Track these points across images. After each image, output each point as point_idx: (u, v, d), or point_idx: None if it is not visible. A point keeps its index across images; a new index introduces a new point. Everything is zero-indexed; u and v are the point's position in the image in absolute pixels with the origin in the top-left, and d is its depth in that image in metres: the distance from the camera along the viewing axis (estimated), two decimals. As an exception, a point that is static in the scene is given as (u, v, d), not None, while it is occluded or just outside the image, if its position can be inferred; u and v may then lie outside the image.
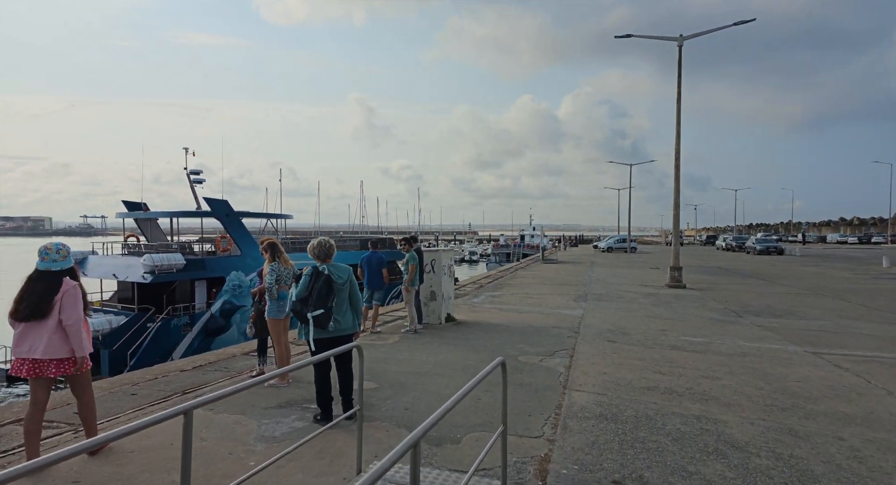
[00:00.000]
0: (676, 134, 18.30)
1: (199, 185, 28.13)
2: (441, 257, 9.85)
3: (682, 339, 8.98)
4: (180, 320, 20.92)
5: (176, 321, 20.65)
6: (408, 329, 8.77)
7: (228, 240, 24.21)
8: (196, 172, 28.10)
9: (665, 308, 12.89)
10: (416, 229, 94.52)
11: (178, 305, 21.23)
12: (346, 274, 4.27)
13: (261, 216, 30.40)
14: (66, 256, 3.96)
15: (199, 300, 21.97)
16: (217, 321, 21.60)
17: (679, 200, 18.44)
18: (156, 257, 20.23)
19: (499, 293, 15.54)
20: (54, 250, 3.91)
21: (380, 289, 8.79)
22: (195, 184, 27.92)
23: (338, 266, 4.26)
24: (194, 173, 28.01)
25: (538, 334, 8.95)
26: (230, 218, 24.13)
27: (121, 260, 22.29)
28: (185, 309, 21.29)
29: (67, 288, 3.83)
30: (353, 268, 8.35)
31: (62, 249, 3.95)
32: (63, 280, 3.85)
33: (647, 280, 20.39)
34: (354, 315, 4.37)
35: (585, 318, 11.12)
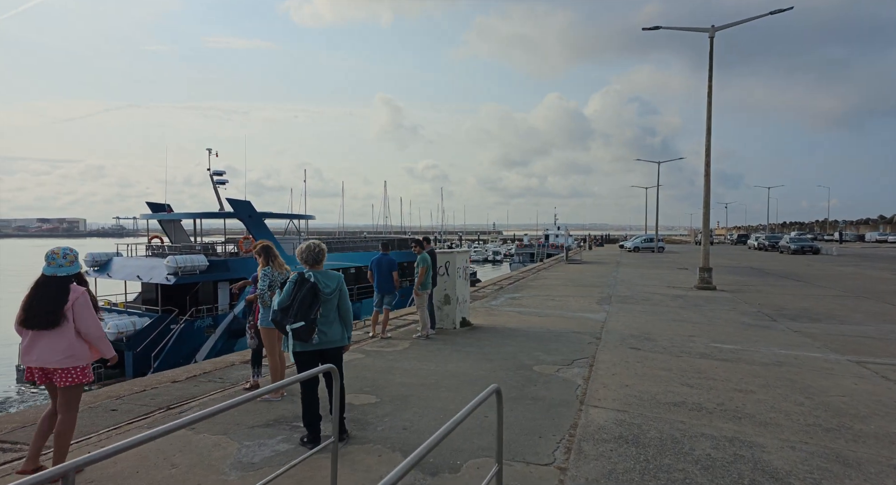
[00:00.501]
0: (707, 128, 17.53)
1: (222, 186, 28.30)
2: (455, 259, 9.46)
3: (712, 346, 8.39)
4: (203, 322, 20.97)
5: (199, 323, 20.73)
6: (419, 335, 8.40)
7: (251, 241, 24.28)
8: (219, 173, 28.25)
9: (693, 311, 12.24)
10: (439, 229, 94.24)
11: (202, 307, 21.30)
12: (335, 282, 3.90)
13: (283, 217, 30.44)
14: (73, 262, 3.83)
15: (221, 302, 22.02)
16: (240, 323, 21.60)
17: (709, 197, 17.66)
18: (179, 259, 20.32)
19: (519, 295, 15.06)
20: (61, 255, 3.77)
21: (390, 293, 8.45)
22: (218, 185, 28.09)
23: (327, 273, 3.90)
24: (217, 174, 28.16)
25: (557, 340, 8.48)
26: (253, 219, 24.15)
27: (145, 262, 22.49)
28: (208, 310, 21.36)
29: (77, 295, 3.71)
30: (396, 265, 8.11)
31: (69, 253, 3.82)
32: (71, 287, 3.73)
33: (675, 281, 19.62)
34: (344, 327, 4.00)
35: (608, 322, 10.58)
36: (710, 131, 17.49)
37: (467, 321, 9.91)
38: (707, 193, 17.62)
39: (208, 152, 28.62)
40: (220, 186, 28.23)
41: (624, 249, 50.63)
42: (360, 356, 6.91)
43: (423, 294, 8.43)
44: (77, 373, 3.71)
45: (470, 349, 7.60)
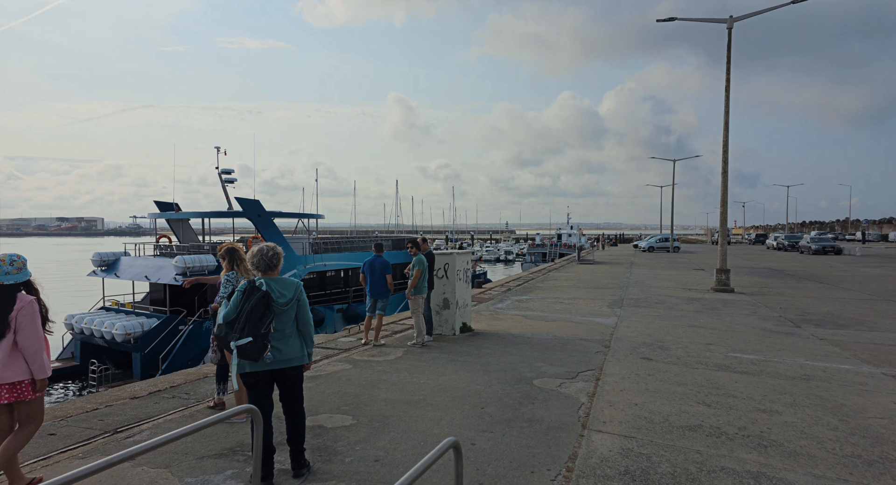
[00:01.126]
0: (724, 123, 16.76)
1: (230, 184, 27.99)
2: (455, 261, 8.90)
3: (731, 356, 7.74)
4: (212, 323, 20.63)
5: (208, 324, 20.41)
6: (415, 342, 7.87)
7: (260, 240, 23.94)
8: (228, 172, 27.93)
9: (710, 316, 11.55)
10: (451, 228, 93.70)
11: (210, 308, 20.94)
12: (293, 290, 3.36)
13: (292, 216, 30.07)
14: (20, 269, 3.50)
15: None
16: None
17: (727, 194, 16.88)
18: (188, 259, 19.98)
19: (526, 298, 14.47)
20: (7, 262, 3.46)
21: (383, 297, 7.91)
22: (227, 183, 27.76)
23: (283, 281, 3.37)
24: (226, 172, 27.83)
25: (562, 349, 7.89)
26: (262, 218, 23.79)
27: (152, 261, 22.20)
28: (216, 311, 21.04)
29: (23, 304, 3.41)
30: (389, 267, 7.64)
31: (16, 260, 3.50)
32: (17, 296, 3.43)
33: (691, 283, 18.85)
34: (303, 342, 3.47)
35: (619, 328, 9.95)
36: (728, 126, 16.73)
37: (468, 327, 9.36)
38: (724, 190, 16.85)
39: (217, 151, 28.33)
40: (228, 185, 27.92)
41: (638, 249, 49.64)
42: (347, 367, 6.39)
43: (418, 299, 7.89)
44: (23, 388, 3.41)
45: (467, 359, 7.04)
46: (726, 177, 16.78)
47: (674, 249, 44.81)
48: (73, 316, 20.69)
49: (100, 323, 19.17)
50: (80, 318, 20.24)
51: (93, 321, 19.48)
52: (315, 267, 24.07)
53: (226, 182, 27.75)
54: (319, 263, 24.36)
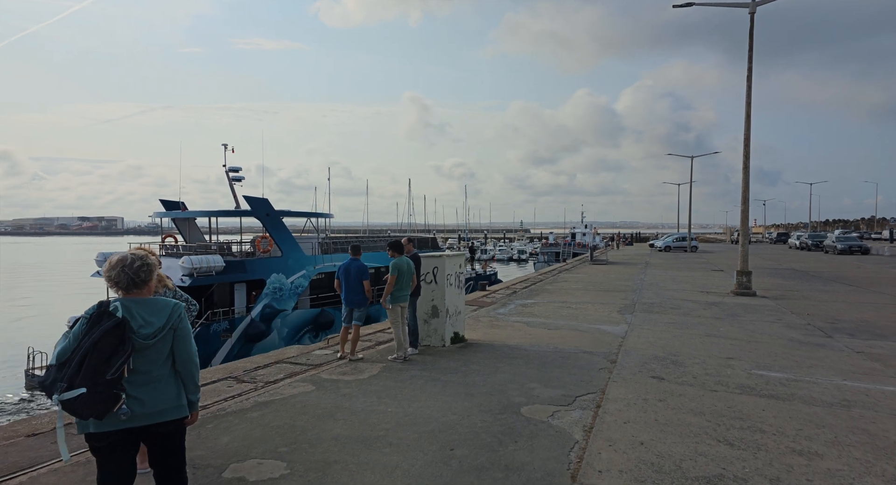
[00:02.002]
0: (746, 114, 15.64)
1: (238, 182, 27.33)
2: (445, 265, 8.03)
3: (756, 373, 6.77)
4: (220, 326, 19.99)
5: (215, 326, 19.76)
6: (395, 356, 7.00)
7: (269, 240, 23.15)
8: (235, 170, 27.25)
9: (731, 323, 10.52)
10: (464, 227, 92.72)
11: (218, 310, 20.31)
12: (165, 316, 2.45)
13: (302, 215, 29.26)
14: None
15: (238, 304, 21.02)
16: (257, 326, 20.67)
17: (748, 191, 15.75)
18: (195, 259, 19.29)
19: (531, 302, 13.54)
20: None
21: (361, 306, 7.07)
22: (234, 181, 27.10)
23: (152, 303, 2.46)
24: (233, 170, 27.16)
25: (562, 365, 6.97)
26: (270, 217, 23.07)
27: None
28: (224, 313, 20.39)
29: None
30: (367, 272, 6.87)
31: None
32: None
33: (709, 285, 17.74)
34: (180, 388, 2.58)
35: (629, 338, 9.00)
36: (750, 116, 15.60)
37: (460, 336, 8.49)
38: (746, 186, 15.72)
39: (224, 148, 27.61)
40: (236, 183, 27.23)
41: (654, 249, 48.24)
42: (308, 389, 5.54)
43: (396, 308, 7.03)
44: None
45: (451, 378, 6.16)
46: (748, 172, 15.65)
47: (691, 248, 43.39)
48: (73, 317, 20.21)
49: None
50: None
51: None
52: (325, 268, 23.33)
53: (233, 180, 27.08)
54: (329, 263, 23.61)
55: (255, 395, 5.22)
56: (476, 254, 63.72)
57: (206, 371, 6.23)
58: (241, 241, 27.19)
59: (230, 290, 21.15)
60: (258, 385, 5.55)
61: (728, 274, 21.23)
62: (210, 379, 5.75)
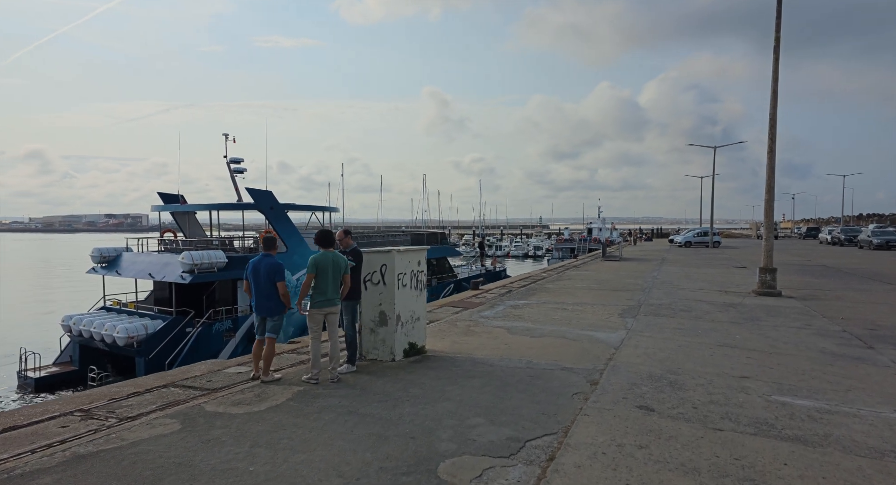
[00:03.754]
0: (773, 91, 13.88)
1: (240, 175, 26.15)
2: (395, 261, 6.64)
3: (777, 400, 5.26)
4: (222, 325, 18.92)
5: (217, 326, 18.67)
6: (309, 376, 5.61)
7: (273, 234, 21.94)
8: (237, 161, 26.02)
9: (750, 330, 8.94)
10: (479, 223, 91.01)
11: (220, 308, 19.24)
12: None
13: (306, 209, 27.92)
14: None
15: (241, 302, 19.89)
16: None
17: (773, 180, 13.99)
18: (195, 255, 18.20)
19: (524, 303, 12.09)
20: None
21: (276, 314, 5.70)
22: (236, 173, 25.92)
23: None
24: (234, 162, 25.95)
25: (528, 388, 5.54)
26: (274, 211, 21.89)
27: (157, 258, 20.43)
28: (227, 312, 19.30)
29: None
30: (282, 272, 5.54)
31: None
32: None
33: (729, 284, 16.02)
34: None
35: (623, 349, 7.52)
36: (777, 94, 13.83)
37: (418, 348, 7.10)
38: (771, 173, 13.96)
39: (225, 138, 26.33)
40: (238, 175, 26.01)
41: (674, 244, 46.07)
42: (171, 429, 4.15)
43: (316, 315, 5.66)
44: None
45: (374, 410, 4.76)
46: (773, 157, 13.89)
47: (713, 243, 41.18)
48: (70, 317, 19.24)
49: (99, 325, 17.57)
50: (79, 319, 18.67)
51: (92, 323, 17.88)
52: None
53: (235, 172, 25.87)
54: None
55: (86, 441, 3.89)
56: (487, 250, 62.16)
57: (54, 402, 4.95)
58: (244, 235, 26.11)
59: (233, 287, 20.06)
60: (108, 423, 4.24)
61: (751, 271, 19.41)
62: (47, 414, 4.45)
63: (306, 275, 5.59)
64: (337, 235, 6.26)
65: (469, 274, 32.88)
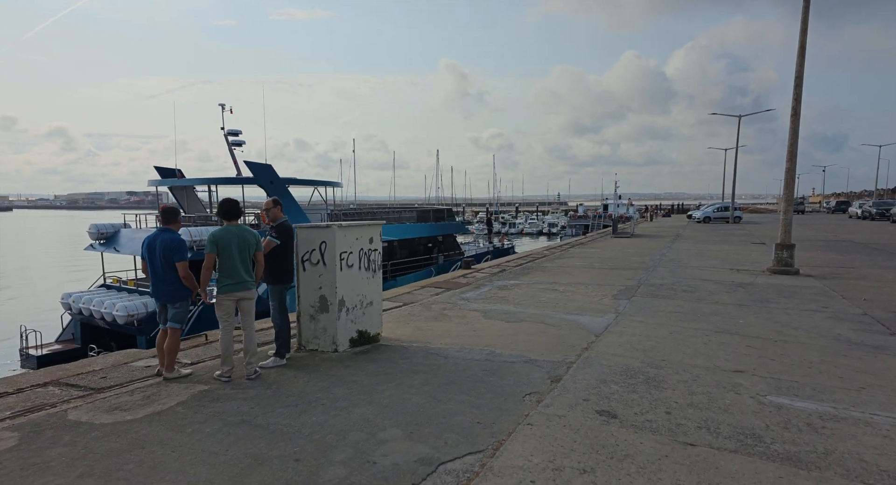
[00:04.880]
0: (800, 44, 12.54)
1: (238, 147, 25.31)
2: (336, 238, 5.82)
3: (772, 401, 4.37)
4: None
5: None
6: (220, 373, 4.88)
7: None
8: (234, 133, 25.10)
9: (756, 314, 7.97)
10: (494, 200, 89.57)
11: None
12: None
13: (308, 184, 27.03)
14: None
15: None
16: (264, 303, 19.09)
17: (796, 146, 12.72)
18: (193, 231, 17.68)
19: (514, 283, 11.22)
20: None
21: (178, 300, 4.90)
22: (234, 146, 25.08)
23: None
24: (232, 134, 25.05)
25: (476, 386, 4.73)
26: (275, 185, 21.20)
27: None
28: None
29: None
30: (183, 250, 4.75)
31: None
32: None
33: (743, 261, 14.89)
34: None
35: (605, 336, 6.64)
36: (804, 48, 12.48)
37: (370, 336, 6.32)
38: (793, 138, 12.68)
39: (221, 108, 25.38)
40: (236, 148, 25.15)
41: (692, 220, 44.40)
42: (6, 445, 3.44)
43: (225, 302, 4.88)
44: None
45: (271, 418, 3.98)
46: (797, 119, 12.59)
47: (734, 219, 39.47)
48: (69, 295, 19.05)
49: (98, 303, 17.31)
50: (78, 297, 18.44)
51: (91, 301, 17.66)
52: None
53: (233, 145, 25.01)
54: None
55: None
56: (501, 227, 61.06)
57: None
58: (245, 211, 25.43)
59: None
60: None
61: (769, 248, 18.19)
62: None
63: (207, 255, 4.79)
64: (264, 205, 5.46)
65: (477, 251, 32.03)
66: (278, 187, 21.31)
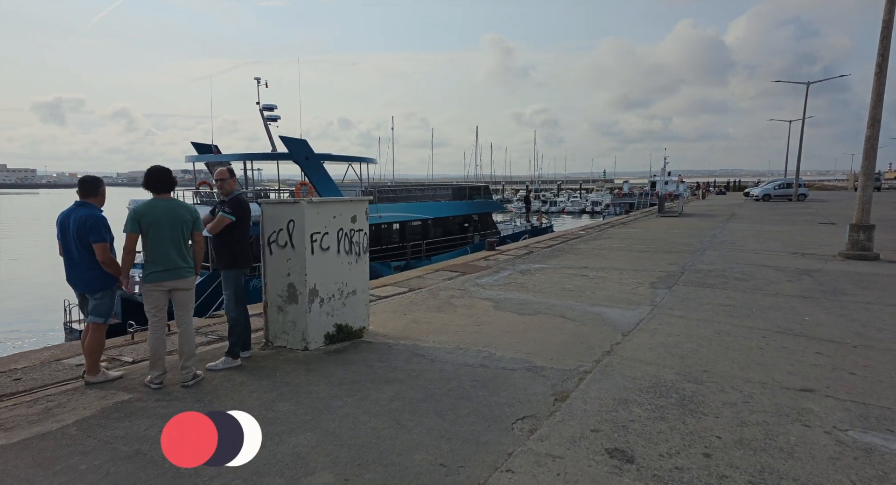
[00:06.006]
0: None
1: (273, 122, 24.75)
2: (305, 216, 4.86)
3: (861, 440, 3.17)
4: (259, 281, 18.29)
5: (255, 282, 18.06)
6: (150, 379, 4.00)
7: (309, 187, 20.68)
8: (270, 108, 24.51)
9: (828, 308, 6.58)
10: (534, 178, 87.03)
11: (257, 263, 18.55)
12: None
13: (342, 159, 26.28)
14: None
15: None
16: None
17: (880, 112, 10.84)
18: None
19: (539, 267, 10.07)
20: None
21: (99, 289, 3.99)
22: (270, 121, 24.54)
23: None
24: (268, 109, 24.47)
25: (453, 407, 3.72)
26: (310, 161, 20.60)
27: None
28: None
29: None
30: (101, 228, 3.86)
31: None
32: None
33: (809, 243, 13.14)
34: None
35: (635, 334, 5.48)
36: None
37: (354, 331, 5.39)
38: (877, 103, 10.80)
39: (257, 82, 24.67)
40: (272, 124, 24.59)
41: (749, 198, 41.35)
42: None
43: (153, 292, 3.95)
44: None
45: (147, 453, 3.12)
46: (883, 78, 10.70)
47: (798, 196, 36.39)
48: None
49: (135, 281, 17.47)
50: None
51: (131, 277, 17.80)
52: (370, 219, 20.85)
53: (268, 120, 24.44)
54: (374, 214, 20.98)
55: None
56: (541, 206, 59.15)
57: None
58: (280, 188, 25.05)
59: None
60: None
61: (841, 228, 16.17)
62: None
63: (127, 236, 3.90)
64: (216, 174, 4.54)
65: (514, 230, 30.79)
66: (313, 163, 20.65)
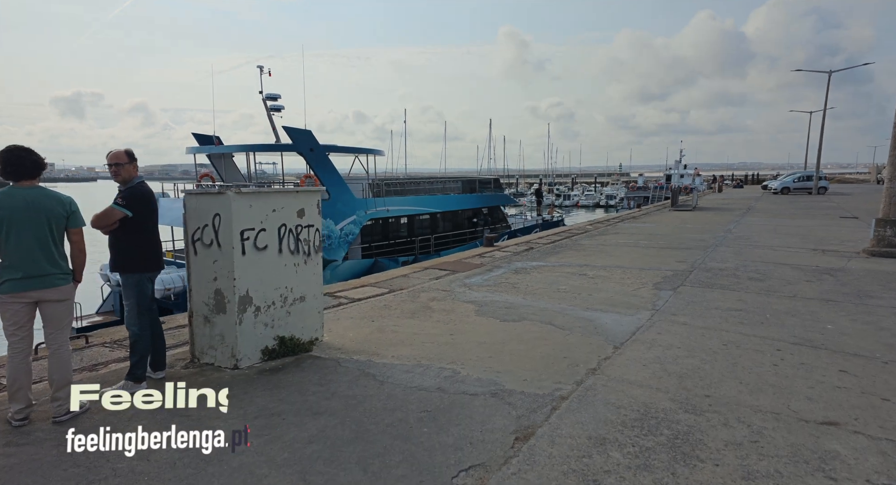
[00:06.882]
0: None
1: (277, 113, 24.10)
2: (234, 210, 4.15)
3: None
4: None
5: None
6: (12, 414, 3.24)
7: (314, 180, 20.15)
8: (273, 97, 23.86)
9: (852, 314, 5.73)
10: (548, 171, 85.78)
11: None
12: None
13: (349, 151, 25.54)
14: None
15: None
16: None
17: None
18: None
19: (536, 265, 9.30)
20: None
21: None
22: (273, 111, 23.90)
23: None
24: (271, 98, 23.83)
25: (383, 453, 2.99)
26: (315, 153, 19.98)
27: None
28: None
29: None
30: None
31: None
32: None
33: (831, 239, 12.17)
34: None
35: (629, 346, 4.71)
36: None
37: (302, 344, 4.68)
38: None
39: (259, 71, 23.96)
40: (275, 114, 23.95)
41: (768, 191, 39.91)
42: None
43: (11, 305, 3.15)
44: None
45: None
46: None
47: (819, 190, 34.96)
48: (106, 266, 18.91)
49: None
50: None
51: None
52: (377, 213, 20.11)
53: (272, 110, 23.79)
54: (382, 208, 20.36)
55: None
56: (554, 199, 58.04)
57: None
58: (284, 180, 24.50)
59: None
60: None
61: (864, 223, 15.12)
62: None
63: None
64: (109, 157, 3.79)
65: (525, 224, 29.98)
66: (318, 154, 20.02)
